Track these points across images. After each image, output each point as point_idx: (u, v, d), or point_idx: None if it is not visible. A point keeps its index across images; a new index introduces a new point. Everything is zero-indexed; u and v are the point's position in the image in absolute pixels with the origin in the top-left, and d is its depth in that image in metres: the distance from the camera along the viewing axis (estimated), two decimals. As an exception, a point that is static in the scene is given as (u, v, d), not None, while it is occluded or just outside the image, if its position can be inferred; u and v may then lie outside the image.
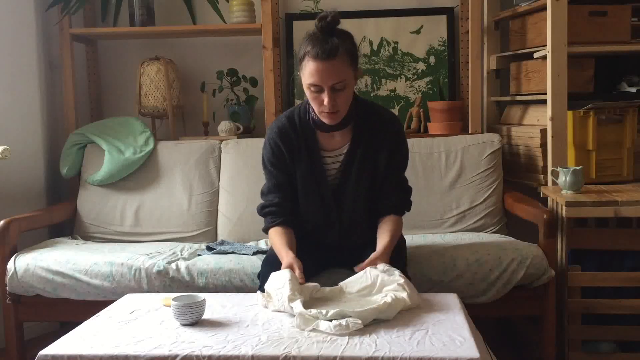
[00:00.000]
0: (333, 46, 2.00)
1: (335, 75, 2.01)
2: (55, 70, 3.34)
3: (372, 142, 2.18)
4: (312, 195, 2.22)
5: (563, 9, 2.61)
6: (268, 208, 2.22)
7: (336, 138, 2.20)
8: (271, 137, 2.22)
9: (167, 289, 2.44)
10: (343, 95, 2.06)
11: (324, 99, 2.04)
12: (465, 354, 1.53)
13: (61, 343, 1.68)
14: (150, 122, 3.38)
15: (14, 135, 3.03)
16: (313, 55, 2.01)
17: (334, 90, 2.03)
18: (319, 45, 2.00)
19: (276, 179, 2.22)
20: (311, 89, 2.05)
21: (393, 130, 2.20)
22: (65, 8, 3.17)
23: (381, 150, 2.18)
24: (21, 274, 2.52)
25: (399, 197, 2.24)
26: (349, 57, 2.04)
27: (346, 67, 2.03)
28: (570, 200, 2.43)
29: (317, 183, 2.21)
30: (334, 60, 2.00)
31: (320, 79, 2.01)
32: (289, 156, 2.20)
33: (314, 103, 2.09)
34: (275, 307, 1.87)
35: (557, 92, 2.64)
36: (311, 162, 2.20)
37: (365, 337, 1.64)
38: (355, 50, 2.09)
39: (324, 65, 2.00)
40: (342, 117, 2.12)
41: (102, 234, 3.02)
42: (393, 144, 2.19)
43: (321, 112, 2.10)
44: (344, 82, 2.03)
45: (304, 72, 2.05)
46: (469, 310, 1.91)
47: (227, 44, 3.48)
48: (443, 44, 3.36)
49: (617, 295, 2.43)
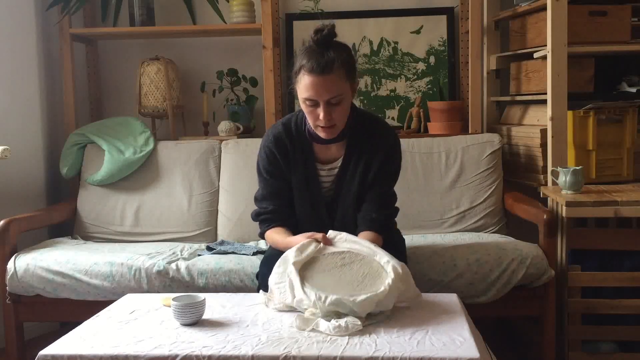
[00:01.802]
0: (329, 60, 1.97)
1: (331, 90, 1.98)
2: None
3: (365, 152, 2.15)
4: (305, 205, 2.19)
5: (563, 9, 2.61)
6: (263, 215, 2.19)
7: (331, 150, 2.18)
8: (266, 145, 2.19)
9: (167, 289, 2.44)
10: (339, 110, 2.03)
11: (320, 113, 2.01)
12: (465, 354, 1.53)
13: (61, 343, 1.68)
14: (150, 122, 3.38)
15: (14, 135, 3.03)
16: (308, 69, 1.98)
17: (330, 104, 2.00)
18: (315, 59, 1.97)
19: (271, 187, 2.18)
20: (307, 103, 2.03)
21: (387, 144, 2.16)
22: (65, 8, 3.17)
23: (373, 160, 2.14)
24: (21, 274, 2.52)
25: (380, 212, 2.14)
26: (345, 70, 2.01)
27: (342, 81, 2.00)
28: (570, 200, 2.43)
29: (311, 194, 2.19)
30: (330, 74, 1.97)
31: (315, 94, 1.98)
32: (284, 164, 2.17)
33: (310, 117, 2.06)
34: (276, 306, 1.87)
35: (557, 92, 2.64)
36: (306, 173, 2.18)
37: (365, 337, 1.64)
38: (352, 63, 2.06)
39: (319, 79, 1.97)
40: (338, 131, 2.09)
41: (102, 234, 3.02)
42: (385, 156, 2.15)
43: (317, 126, 2.07)
44: (340, 96, 2.00)
45: (300, 85, 2.03)
46: (469, 310, 1.91)
47: (227, 44, 3.48)
48: (443, 44, 3.36)
49: (617, 295, 2.43)
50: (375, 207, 2.14)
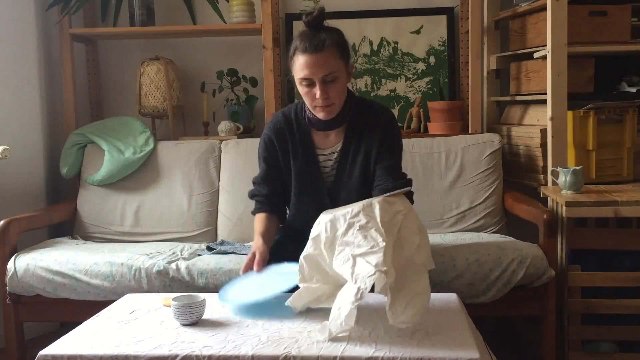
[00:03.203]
0: (321, 39, 2.04)
1: (325, 67, 2.04)
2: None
3: (364, 136, 2.19)
4: (307, 192, 2.24)
5: (563, 9, 2.61)
6: (257, 197, 2.31)
7: (330, 137, 2.22)
8: (266, 133, 2.27)
9: (167, 289, 2.44)
10: (335, 87, 2.07)
11: (316, 92, 2.06)
12: (465, 354, 1.53)
13: (61, 343, 1.68)
14: (150, 122, 3.38)
15: (14, 135, 3.03)
16: (302, 49, 2.05)
17: (325, 82, 2.05)
18: (307, 40, 2.05)
19: (266, 174, 2.28)
20: (303, 84, 2.08)
21: (383, 120, 2.19)
22: (65, 8, 3.17)
23: (373, 141, 2.18)
24: (21, 274, 2.52)
25: (395, 182, 2.14)
26: (338, 49, 2.07)
27: (335, 59, 2.06)
28: (570, 200, 2.43)
29: (312, 180, 2.23)
30: (323, 52, 2.03)
31: (310, 72, 2.04)
32: (282, 153, 2.23)
33: (307, 98, 2.11)
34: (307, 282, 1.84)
35: (557, 92, 2.64)
36: (306, 160, 2.22)
37: (365, 337, 1.63)
38: (344, 44, 2.12)
39: (312, 57, 2.03)
40: (336, 111, 2.13)
41: (102, 234, 3.02)
42: (383, 132, 2.18)
43: (315, 106, 2.11)
44: (334, 73, 2.05)
45: (295, 67, 2.08)
46: (469, 310, 1.91)
47: (227, 44, 3.48)
48: (443, 44, 3.36)
49: (617, 295, 2.43)
50: (389, 178, 2.15)
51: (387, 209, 1.78)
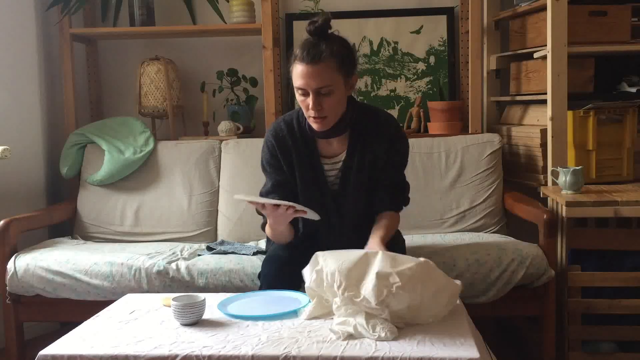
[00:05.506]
0: (319, 50, 1.99)
1: (319, 79, 1.99)
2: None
3: (369, 146, 2.16)
4: (312, 199, 2.19)
5: (563, 9, 2.61)
6: None
7: (334, 145, 2.19)
8: (268, 139, 2.21)
9: (167, 289, 2.44)
10: (329, 101, 2.03)
11: (309, 103, 2.02)
12: (465, 354, 1.53)
13: (61, 343, 1.68)
14: (150, 122, 3.38)
15: (14, 135, 3.03)
16: (300, 58, 2.00)
17: (319, 94, 2.01)
18: (306, 49, 2.00)
19: (274, 179, 2.21)
20: (299, 92, 2.05)
21: (389, 131, 2.18)
22: (65, 8, 3.17)
23: (379, 152, 2.16)
24: (21, 274, 2.52)
25: (394, 195, 2.21)
26: (337, 61, 2.01)
27: (332, 72, 2.00)
28: (570, 200, 2.43)
29: (317, 188, 2.20)
30: (319, 64, 1.98)
31: (304, 82, 2.00)
32: (285, 160, 2.18)
33: (302, 106, 2.08)
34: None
35: (557, 92, 2.64)
36: (311, 168, 2.18)
37: (365, 337, 1.63)
38: (347, 56, 2.06)
39: (308, 68, 1.99)
40: (330, 124, 2.09)
41: (102, 234, 3.02)
42: (389, 145, 2.17)
43: (309, 116, 2.08)
44: (329, 87, 2.00)
45: (293, 74, 2.05)
46: (469, 310, 1.91)
47: (227, 44, 3.48)
48: (443, 44, 3.36)
49: (617, 295, 2.43)
50: (388, 193, 2.19)
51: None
